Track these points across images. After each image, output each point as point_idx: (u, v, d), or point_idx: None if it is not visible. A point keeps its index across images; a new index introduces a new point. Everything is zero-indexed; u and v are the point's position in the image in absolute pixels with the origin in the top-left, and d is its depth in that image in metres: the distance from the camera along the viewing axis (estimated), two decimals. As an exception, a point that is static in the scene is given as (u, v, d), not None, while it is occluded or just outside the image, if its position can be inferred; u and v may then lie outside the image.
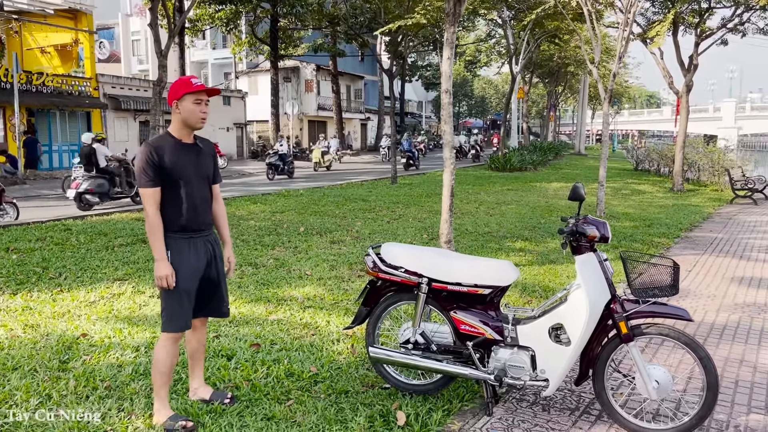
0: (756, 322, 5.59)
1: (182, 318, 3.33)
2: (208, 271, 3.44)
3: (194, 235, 3.37)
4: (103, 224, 10.16)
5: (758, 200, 15.70)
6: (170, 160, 3.27)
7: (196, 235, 3.38)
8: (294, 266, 7.23)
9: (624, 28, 12.16)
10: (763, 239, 10.04)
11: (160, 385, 3.37)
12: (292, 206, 12.78)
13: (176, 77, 22.62)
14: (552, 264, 7.60)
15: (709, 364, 3.26)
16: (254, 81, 42.72)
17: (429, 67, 57.67)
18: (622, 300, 3.40)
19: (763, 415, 3.70)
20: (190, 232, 3.35)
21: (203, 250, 3.39)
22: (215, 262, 3.46)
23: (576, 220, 3.46)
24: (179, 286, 3.28)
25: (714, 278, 7.29)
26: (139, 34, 49.54)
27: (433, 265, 3.61)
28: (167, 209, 3.29)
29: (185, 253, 3.32)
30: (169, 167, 3.26)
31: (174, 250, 3.29)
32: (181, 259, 3.30)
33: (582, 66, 36.56)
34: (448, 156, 7.04)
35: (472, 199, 14.46)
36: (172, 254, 3.28)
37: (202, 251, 3.39)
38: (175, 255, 3.29)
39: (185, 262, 3.31)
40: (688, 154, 19.45)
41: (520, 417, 3.60)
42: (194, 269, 3.35)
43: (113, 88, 27.69)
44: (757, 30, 17.85)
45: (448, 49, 6.92)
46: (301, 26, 33.05)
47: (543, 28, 24.48)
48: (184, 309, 3.32)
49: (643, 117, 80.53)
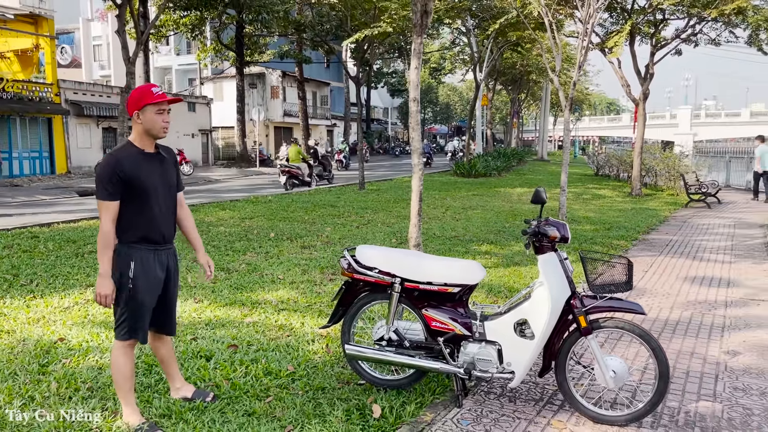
0: (706, 318, 5.93)
1: (141, 330, 3.34)
2: (166, 286, 3.46)
3: (159, 247, 3.36)
4: (70, 231, 10.10)
5: (711, 204, 16.35)
6: (135, 172, 3.23)
7: (161, 247, 3.38)
8: (266, 271, 7.36)
9: (583, 38, 12.60)
10: (715, 241, 10.53)
11: (127, 390, 3.38)
12: (260, 212, 12.85)
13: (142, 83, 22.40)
14: (516, 266, 7.88)
15: (661, 354, 3.53)
16: (219, 87, 42.53)
17: (394, 73, 58.16)
18: (581, 296, 3.65)
19: (711, 402, 3.99)
20: (155, 244, 3.34)
21: (165, 264, 3.42)
22: (173, 277, 3.49)
23: (538, 222, 3.70)
24: (140, 298, 3.28)
25: (669, 278, 7.67)
26: (100, 39, 48.78)
27: (405, 266, 3.82)
28: (134, 220, 3.26)
29: (150, 264, 3.31)
30: (135, 178, 3.23)
31: (138, 261, 3.27)
32: (145, 270, 3.29)
33: (544, 74, 37.37)
34: (417, 162, 7.27)
35: (439, 204, 14.75)
36: (137, 265, 3.26)
37: (165, 265, 3.41)
38: (139, 265, 3.27)
39: (150, 273, 3.31)
40: (645, 159, 20.11)
41: (488, 408, 3.82)
42: (158, 282, 3.37)
43: (75, 94, 27.31)
44: (709, 40, 18.61)
45: (415, 59, 7.15)
46: (267, 33, 33.06)
47: (506, 37, 25.03)
48: (143, 321, 3.34)
49: (603, 123, 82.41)
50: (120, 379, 3.37)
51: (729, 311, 6.16)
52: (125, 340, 3.34)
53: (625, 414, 3.62)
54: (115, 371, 3.37)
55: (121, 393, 3.40)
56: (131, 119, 3.33)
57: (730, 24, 17.33)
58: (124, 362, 3.36)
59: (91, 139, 28.26)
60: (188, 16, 28.62)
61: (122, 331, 3.32)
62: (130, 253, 3.27)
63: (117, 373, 3.36)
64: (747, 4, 15.54)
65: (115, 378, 3.39)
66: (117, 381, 3.38)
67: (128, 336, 3.33)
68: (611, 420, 3.61)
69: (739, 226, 12.44)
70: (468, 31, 26.11)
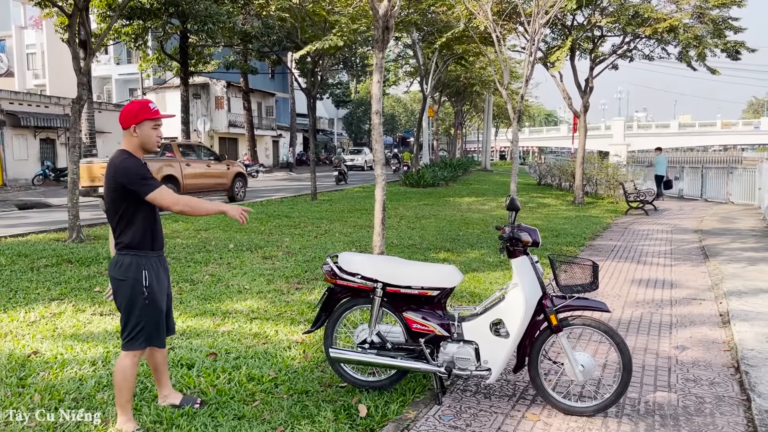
0: (655, 316, 6.36)
1: (158, 336, 3.44)
2: (168, 289, 3.61)
3: (160, 253, 3.50)
4: (20, 245, 9.82)
5: (648, 211, 17.21)
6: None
7: (162, 253, 3.52)
8: (231, 281, 7.40)
9: (530, 52, 13.15)
10: (656, 246, 11.15)
11: (127, 399, 3.45)
12: (215, 224, 12.78)
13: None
14: (474, 272, 8.17)
15: (624, 347, 3.84)
16: (162, 97, 41.77)
17: (339, 85, 58.38)
18: (551, 296, 3.93)
19: (667, 393, 4.33)
20: (157, 250, 3.47)
21: (164, 268, 3.54)
22: (167, 281, 3.60)
23: (511, 227, 3.97)
24: (158, 304, 3.39)
25: (617, 281, 8.12)
26: (34, 47, 47.13)
27: (387, 271, 4.01)
28: (145, 228, 3.36)
29: (158, 270, 3.45)
30: None
31: (150, 269, 3.37)
32: (158, 278, 3.41)
33: (486, 86, 38.36)
34: (380, 173, 7.49)
35: (393, 213, 15.01)
36: (149, 274, 3.35)
37: (163, 270, 3.52)
38: (152, 273, 3.38)
39: (160, 279, 3.44)
40: (586, 169, 20.95)
41: (466, 404, 4.04)
42: (165, 287, 3.51)
43: (11, 104, 26.40)
44: (643, 56, 19.62)
45: (377, 74, 7.39)
46: (213, 43, 32.72)
47: (451, 50, 25.63)
48: (161, 326, 3.45)
49: (543, 134, 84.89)
50: (125, 389, 3.41)
51: (675, 310, 6.61)
52: (140, 348, 3.40)
53: (593, 405, 3.91)
54: (120, 380, 3.40)
55: (121, 402, 3.45)
56: (125, 132, 3.39)
57: (662, 41, 18.34)
58: (132, 372, 3.41)
59: (28, 151, 27.33)
60: (130, 25, 28.04)
61: (138, 341, 3.37)
62: (141, 262, 3.35)
63: (123, 381, 3.40)
64: (678, 23, 16.52)
65: (119, 387, 3.42)
66: (120, 390, 3.42)
67: (145, 344, 3.39)
68: (581, 411, 3.89)
69: (676, 231, 13.18)
70: (414, 44, 26.60)
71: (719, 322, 6.12)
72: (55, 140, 29.28)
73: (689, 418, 3.90)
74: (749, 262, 9.07)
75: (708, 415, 3.95)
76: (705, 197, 21.41)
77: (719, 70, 19.43)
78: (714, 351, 5.24)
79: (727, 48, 17.96)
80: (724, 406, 4.09)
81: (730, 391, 4.35)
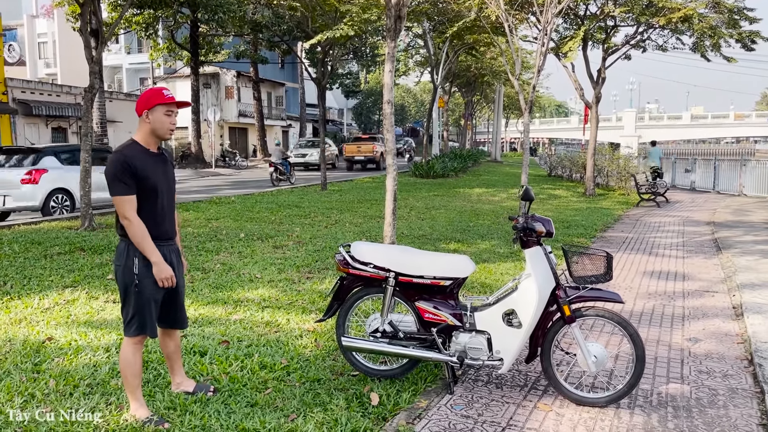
0: (667, 308, 6.32)
1: (150, 325, 3.41)
2: (180, 280, 3.58)
3: (163, 244, 3.44)
4: (33, 233, 9.91)
5: (660, 203, 17.10)
6: (144, 170, 3.30)
7: (164, 243, 3.46)
8: (242, 270, 7.42)
9: (542, 42, 13.05)
10: (668, 238, 11.08)
11: (135, 386, 3.46)
12: (225, 213, 12.84)
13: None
14: (485, 263, 8.15)
15: (638, 339, 3.82)
16: (172, 87, 41.75)
17: (349, 75, 58.20)
18: (565, 287, 3.91)
19: (680, 384, 4.31)
20: (160, 241, 3.42)
21: (169, 260, 3.47)
22: (178, 272, 3.55)
23: (525, 217, 3.95)
24: (147, 294, 3.35)
25: (629, 272, 8.08)
26: (45, 36, 47.34)
27: (399, 261, 4.01)
28: (141, 217, 3.31)
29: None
30: (144, 176, 3.30)
31: (141, 258, 3.33)
32: (149, 266, 3.34)
33: (497, 76, 38.13)
34: (391, 163, 7.47)
35: (403, 204, 14.99)
36: (140, 262, 3.33)
37: (168, 261, 3.45)
38: (142, 262, 3.34)
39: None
40: (597, 160, 20.82)
41: (478, 394, 4.05)
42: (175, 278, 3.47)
43: (23, 92, 26.54)
44: (656, 46, 19.42)
45: (389, 63, 7.36)
46: (223, 33, 32.73)
47: (462, 40, 25.48)
48: (151, 316, 3.41)
49: (553, 126, 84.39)
50: (129, 375, 3.44)
51: (687, 302, 6.57)
52: (135, 336, 3.41)
53: (606, 396, 3.90)
54: (124, 367, 3.44)
55: (130, 388, 3.46)
56: (139, 120, 3.40)
57: (676, 31, 18.13)
58: (134, 358, 3.43)
59: (40, 140, 27.45)
60: (141, 14, 28.08)
61: (132, 328, 3.40)
62: (133, 249, 3.34)
63: (127, 368, 3.43)
64: (693, 12, 16.32)
65: (124, 374, 3.45)
66: (126, 377, 3.45)
67: (139, 332, 3.40)
68: (593, 402, 3.88)
69: (688, 223, 13.09)
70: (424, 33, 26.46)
71: (732, 315, 6.09)
72: (66, 129, 29.42)
73: (702, 410, 3.88)
74: (762, 255, 9.00)
75: (721, 408, 3.93)
76: (717, 189, 21.25)
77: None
78: (727, 343, 5.21)
79: (742, 38, 17.73)
80: (738, 399, 4.07)
81: (743, 384, 4.33)
